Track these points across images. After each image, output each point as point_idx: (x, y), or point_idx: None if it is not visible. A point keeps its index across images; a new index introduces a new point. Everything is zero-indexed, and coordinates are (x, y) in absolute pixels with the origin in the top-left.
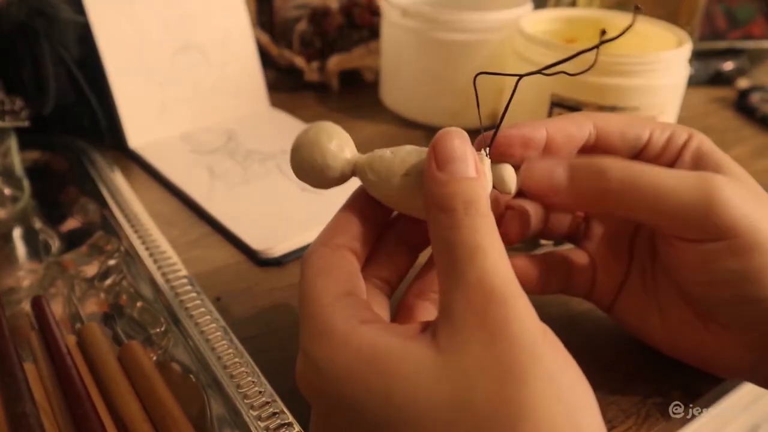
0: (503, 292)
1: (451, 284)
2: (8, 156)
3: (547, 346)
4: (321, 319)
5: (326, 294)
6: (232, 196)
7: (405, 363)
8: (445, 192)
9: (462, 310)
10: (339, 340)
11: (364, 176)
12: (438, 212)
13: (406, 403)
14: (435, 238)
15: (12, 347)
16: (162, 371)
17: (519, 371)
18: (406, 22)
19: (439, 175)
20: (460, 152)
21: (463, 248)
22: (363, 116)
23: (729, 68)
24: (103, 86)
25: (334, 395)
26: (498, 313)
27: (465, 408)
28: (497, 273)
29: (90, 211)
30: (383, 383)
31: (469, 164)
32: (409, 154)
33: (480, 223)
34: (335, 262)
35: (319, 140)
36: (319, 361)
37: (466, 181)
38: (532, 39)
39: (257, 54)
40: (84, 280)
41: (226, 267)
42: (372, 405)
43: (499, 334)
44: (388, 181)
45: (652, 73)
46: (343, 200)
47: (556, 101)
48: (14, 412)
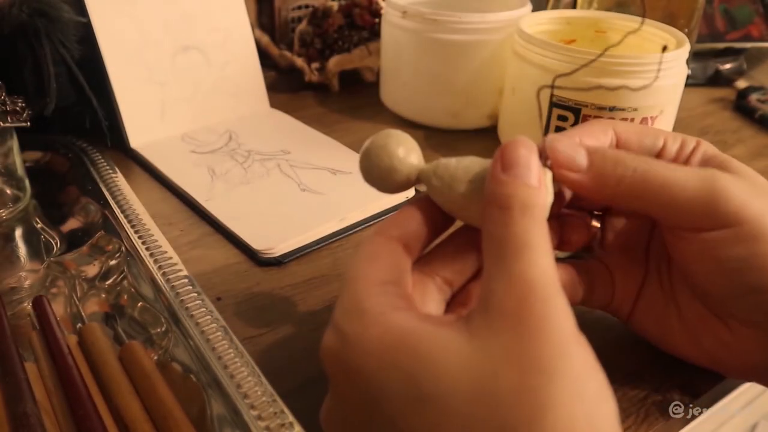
0: (544, 288)
1: (494, 275)
2: (9, 156)
3: (579, 348)
4: (357, 298)
5: (367, 278)
6: (233, 196)
7: (434, 345)
8: (504, 192)
9: (500, 300)
10: (371, 319)
11: (428, 182)
12: (494, 209)
13: (431, 382)
14: (486, 234)
15: (13, 347)
16: (162, 371)
17: (547, 366)
18: (406, 23)
19: (502, 175)
20: (525, 160)
21: (512, 244)
22: (363, 116)
23: (728, 69)
24: (103, 86)
25: (359, 370)
26: (535, 307)
27: (488, 393)
28: (541, 269)
29: (91, 211)
30: (410, 361)
31: (532, 173)
32: (473, 163)
33: (532, 225)
34: (384, 252)
35: (387, 145)
36: (349, 335)
37: (527, 187)
38: (531, 40)
39: (257, 54)
40: (85, 280)
41: (227, 267)
42: (396, 383)
43: (534, 327)
44: (451, 188)
45: (651, 74)
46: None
47: (556, 101)
48: (15, 411)
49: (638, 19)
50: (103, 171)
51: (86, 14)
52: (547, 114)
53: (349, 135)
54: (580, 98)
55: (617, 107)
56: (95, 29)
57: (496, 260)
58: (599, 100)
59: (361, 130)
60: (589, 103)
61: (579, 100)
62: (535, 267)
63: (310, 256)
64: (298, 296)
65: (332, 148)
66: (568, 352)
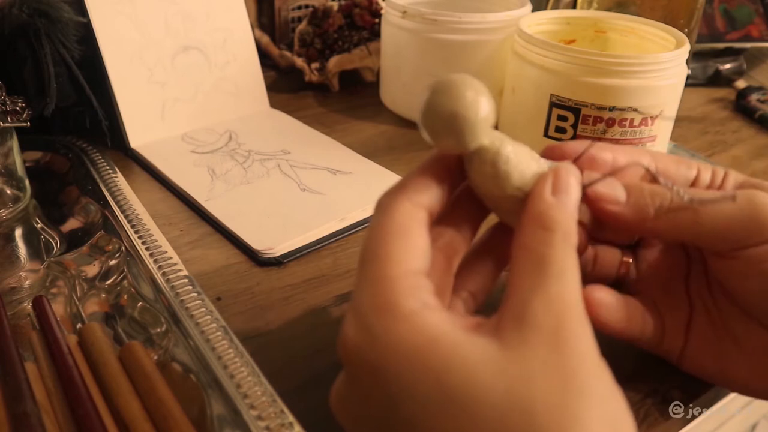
0: (579, 311)
1: (531, 290)
2: (9, 156)
3: (605, 371)
4: (388, 293)
5: (399, 264)
6: (233, 196)
7: (466, 350)
8: (551, 214)
9: (538, 316)
10: (402, 317)
11: (481, 164)
12: (537, 227)
13: (462, 388)
14: (524, 248)
15: (13, 347)
16: (162, 371)
17: (581, 384)
18: (406, 23)
19: (551, 198)
20: (574, 189)
21: (554, 265)
22: (363, 116)
23: (727, 69)
24: (104, 87)
25: (384, 368)
26: (572, 327)
27: (520, 404)
28: (577, 294)
29: (91, 211)
30: (442, 365)
31: (575, 203)
32: (528, 167)
33: (571, 253)
34: (415, 226)
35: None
36: (377, 332)
37: (570, 215)
38: (531, 40)
39: (257, 54)
40: (85, 280)
41: (227, 267)
42: (423, 385)
43: (570, 345)
44: (500, 185)
45: (651, 74)
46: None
47: (555, 102)
48: (15, 411)
49: (638, 19)
50: (103, 171)
51: (86, 14)
52: (547, 114)
53: (349, 135)
54: (580, 98)
55: (617, 107)
56: (95, 29)
57: (535, 277)
58: (599, 100)
59: (361, 130)
60: (589, 103)
61: (579, 100)
62: (573, 291)
63: (310, 256)
64: (298, 296)
65: (332, 148)
66: (599, 374)
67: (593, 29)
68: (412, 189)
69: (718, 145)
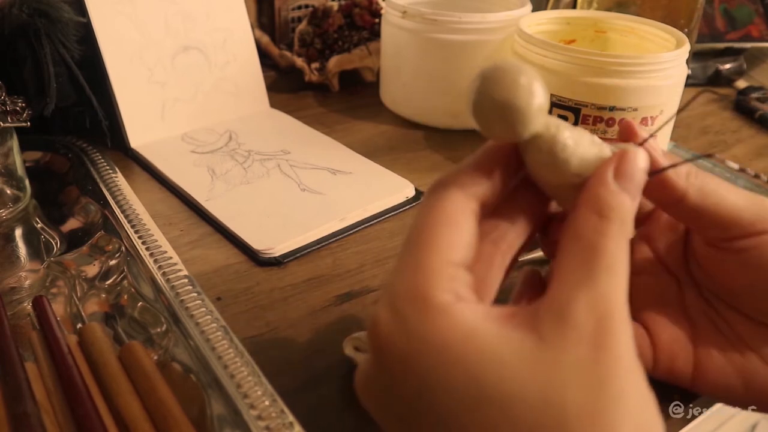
0: (622, 313)
1: (577, 285)
2: (9, 156)
3: (640, 376)
4: (425, 284)
5: (441, 252)
6: (233, 196)
7: (501, 346)
8: (610, 200)
9: (581, 314)
10: (437, 308)
11: (537, 152)
12: (592, 213)
13: (496, 385)
14: (575, 235)
15: (13, 347)
16: (163, 371)
17: (617, 391)
18: (406, 23)
19: (612, 183)
20: (639, 178)
21: (607, 257)
22: (363, 116)
23: (727, 69)
24: (104, 87)
25: (416, 359)
26: (613, 328)
27: (555, 404)
28: (624, 295)
29: (91, 211)
30: (477, 360)
31: (639, 192)
32: (589, 151)
33: (624, 244)
34: (463, 217)
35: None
36: (411, 321)
37: (630, 204)
38: (531, 40)
39: (257, 54)
40: (85, 280)
41: (227, 267)
42: (456, 380)
43: (610, 348)
44: (559, 172)
45: (651, 74)
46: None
47: (555, 102)
48: (15, 411)
49: (638, 19)
50: (103, 171)
51: (86, 14)
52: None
53: (349, 135)
54: (580, 98)
55: (617, 107)
56: (95, 29)
57: (584, 270)
58: (599, 100)
59: (361, 130)
60: (589, 103)
61: (579, 100)
62: (620, 291)
63: (310, 256)
64: (298, 296)
65: (332, 148)
66: (635, 379)
67: (593, 29)
68: (465, 178)
69: (718, 145)
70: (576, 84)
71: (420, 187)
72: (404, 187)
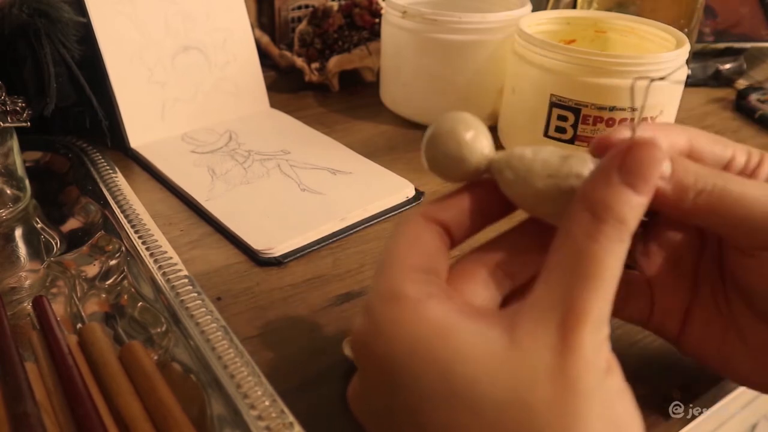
0: (598, 321)
1: (557, 289)
2: (9, 156)
3: (613, 374)
4: (393, 284)
5: (405, 263)
6: (233, 196)
7: (473, 343)
8: (607, 197)
9: (554, 319)
10: (406, 306)
11: (500, 173)
12: (585, 212)
13: (467, 381)
14: (567, 234)
15: (13, 347)
16: (163, 371)
17: (584, 387)
18: (406, 23)
19: (616, 177)
20: (650, 172)
21: (593, 266)
22: (363, 116)
23: (727, 69)
24: (104, 86)
25: (388, 356)
26: (585, 338)
27: (523, 402)
28: (604, 306)
29: (91, 211)
30: (448, 357)
31: (648, 189)
32: (551, 155)
33: (619, 249)
34: (426, 236)
35: (455, 131)
36: (381, 321)
37: (636, 201)
38: (531, 40)
39: (257, 54)
40: (85, 280)
41: (227, 267)
42: (430, 377)
43: (577, 351)
44: (526, 182)
45: (651, 74)
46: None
47: (555, 101)
48: (15, 411)
49: (638, 19)
50: (103, 171)
51: (86, 14)
52: (547, 114)
53: (349, 135)
54: (580, 98)
55: (617, 107)
56: (95, 29)
57: (567, 276)
58: (599, 100)
59: (361, 130)
60: (589, 103)
61: (579, 100)
62: (599, 303)
63: (310, 256)
64: (298, 296)
65: (332, 148)
66: (602, 378)
67: (593, 29)
68: (433, 207)
69: None
70: (576, 84)
71: (420, 187)
72: (404, 187)
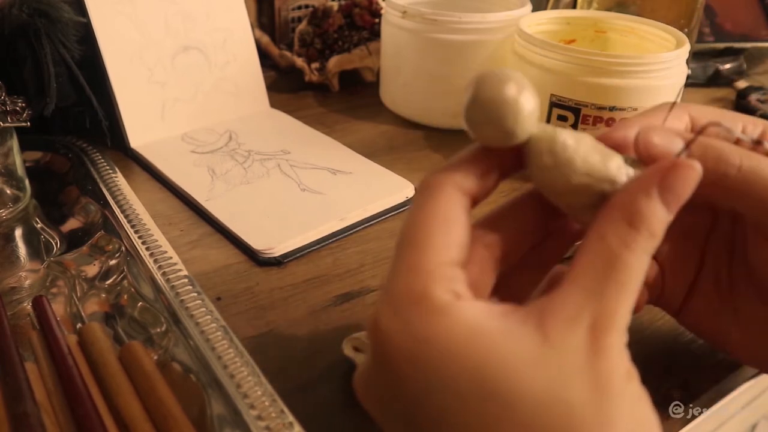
0: (623, 325)
1: (590, 292)
2: (9, 156)
3: (635, 377)
4: (422, 281)
5: (437, 252)
6: (233, 196)
7: (506, 344)
8: (645, 210)
9: (585, 321)
10: (438, 307)
11: (538, 156)
12: (622, 220)
13: (500, 383)
14: (600, 238)
15: (13, 347)
16: (163, 371)
17: (614, 389)
18: (406, 23)
19: (655, 192)
20: (684, 194)
21: (625, 272)
22: (363, 116)
23: (727, 69)
24: (104, 86)
25: (423, 360)
26: (610, 340)
27: (559, 401)
28: (629, 309)
29: (91, 211)
30: (481, 359)
31: (677, 209)
32: (592, 152)
33: (646, 259)
34: (456, 214)
35: (518, 105)
36: (413, 321)
37: (666, 218)
38: (531, 40)
39: (257, 54)
40: (85, 279)
41: (227, 267)
42: (464, 379)
43: (606, 354)
44: (562, 173)
45: (651, 74)
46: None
47: (555, 101)
48: (15, 411)
49: (638, 19)
50: (103, 171)
51: (86, 14)
52: (547, 114)
53: (349, 135)
54: (580, 98)
55: (617, 107)
56: (95, 29)
57: (599, 279)
58: (599, 100)
59: (361, 130)
60: (589, 103)
61: (579, 100)
62: (626, 307)
63: (310, 256)
64: (298, 296)
65: (332, 148)
66: (628, 380)
67: (593, 29)
68: (457, 174)
69: None
70: (576, 84)
71: None
72: (404, 187)
